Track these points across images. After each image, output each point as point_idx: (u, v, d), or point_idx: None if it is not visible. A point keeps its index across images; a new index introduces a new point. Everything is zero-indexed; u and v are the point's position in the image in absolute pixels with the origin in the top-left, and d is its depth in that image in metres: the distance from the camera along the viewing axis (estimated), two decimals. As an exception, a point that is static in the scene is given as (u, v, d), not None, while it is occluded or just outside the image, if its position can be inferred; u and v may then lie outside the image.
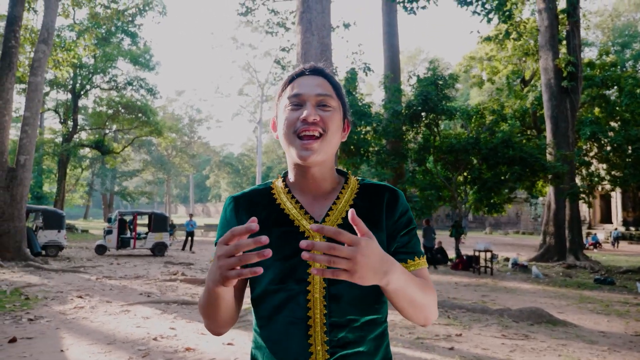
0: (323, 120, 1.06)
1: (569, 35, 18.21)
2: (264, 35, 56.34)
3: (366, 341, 1.04)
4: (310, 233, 1.06)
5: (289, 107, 1.08)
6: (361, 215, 1.08)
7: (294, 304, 1.03)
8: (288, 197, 1.12)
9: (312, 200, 1.12)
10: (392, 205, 1.11)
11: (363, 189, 1.14)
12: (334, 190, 1.14)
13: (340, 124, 1.11)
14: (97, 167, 41.00)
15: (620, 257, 19.79)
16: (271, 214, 1.10)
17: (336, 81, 1.14)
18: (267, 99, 57.34)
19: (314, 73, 1.12)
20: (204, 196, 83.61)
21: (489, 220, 42.33)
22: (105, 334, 5.41)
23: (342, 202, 1.10)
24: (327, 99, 1.08)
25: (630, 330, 6.38)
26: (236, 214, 1.13)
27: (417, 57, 65.74)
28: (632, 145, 22.46)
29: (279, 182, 1.17)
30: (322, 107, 1.07)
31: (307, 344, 1.01)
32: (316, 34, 8.22)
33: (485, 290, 9.79)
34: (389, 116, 15.20)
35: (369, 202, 1.11)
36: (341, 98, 1.13)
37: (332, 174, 1.14)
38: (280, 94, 1.13)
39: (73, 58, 18.15)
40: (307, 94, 1.07)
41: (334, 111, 1.09)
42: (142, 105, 32.93)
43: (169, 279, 9.90)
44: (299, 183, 1.13)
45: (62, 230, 14.22)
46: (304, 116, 1.04)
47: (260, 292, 1.07)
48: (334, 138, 1.08)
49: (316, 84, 1.09)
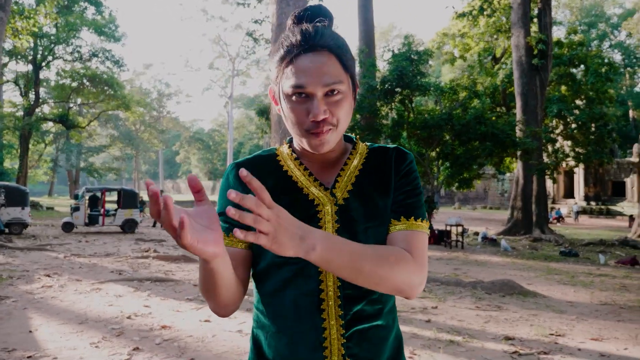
0: (333, 112, 0.95)
1: (541, 13, 18.41)
2: (235, 7, 54.93)
3: (383, 314, 0.99)
4: (320, 201, 0.99)
5: (293, 97, 0.95)
6: (371, 181, 1.03)
7: (304, 276, 0.96)
8: (296, 163, 1.04)
9: (320, 167, 1.05)
10: (398, 164, 1.05)
11: (372, 153, 1.08)
12: (342, 156, 1.07)
13: (351, 102, 1.00)
14: (61, 143, 39.64)
15: (582, 231, 20.59)
16: (278, 182, 1.02)
17: (341, 50, 0.97)
18: (239, 73, 56.23)
19: (315, 48, 0.95)
20: (173, 172, 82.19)
21: (458, 195, 43.23)
22: (76, 313, 5.26)
23: (351, 168, 1.04)
24: (335, 86, 0.94)
25: (595, 299, 6.64)
26: (240, 181, 1.02)
27: (390, 33, 65.42)
28: (595, 123, 23.17)
29: (284, 148, 1.09)
30: (331, 95, 0.94)
31: (321, 318, 0.95)
32: (292, 4, 7.99)
33: (457, 264, 10.01)
34: (364, 91, 15.11)
35: (377, 166, 1.05)
36: (349, 69, 0.99)
37: (340, 142, 1.07)
38: (281, 69, 0.97)
39: (33, 26, 17.20)
40: (312, 85, 0.93)
41: (344, 97, 0.96)
42: (108, 78, 31.79)
43: (141, 256, 9.71)
44: (306, 151, 1.05)
45: (26, 207, 13.75)
46: (313, 117, 0.92)
47: (264, 265, 0.99)
48: (345, 123, 0.99)
49: (322, 69, 0.93)
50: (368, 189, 1.02)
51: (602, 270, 9.55)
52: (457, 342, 4.41)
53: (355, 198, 1.01)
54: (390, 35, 64.12)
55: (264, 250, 0.98)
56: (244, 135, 67.03)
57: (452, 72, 40.11)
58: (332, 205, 0.99)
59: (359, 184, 1.03)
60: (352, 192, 1.01)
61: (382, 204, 1.01)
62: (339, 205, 0.99)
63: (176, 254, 10.03)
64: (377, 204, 1.01)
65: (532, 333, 4.79)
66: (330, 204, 0.99)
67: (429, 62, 15.98)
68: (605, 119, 23.25)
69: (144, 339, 4.39)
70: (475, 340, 4.51)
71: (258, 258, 1.01)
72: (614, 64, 23.96)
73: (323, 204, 0.99)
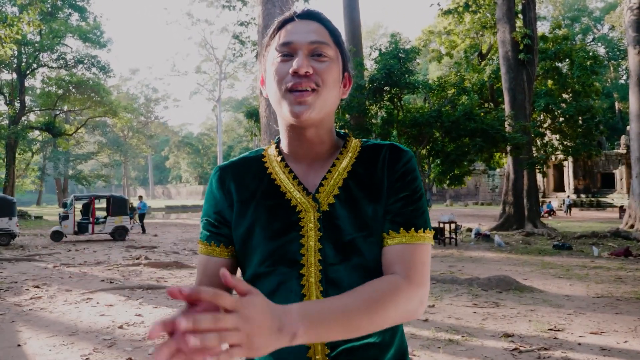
0: (317, 72, 0.88)
1: (525, 8, 18.48)
2: (221, 10, 54.66)
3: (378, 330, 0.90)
4: (303, 207, 0.91)
5: (278, 59, 0.90)
6: (360, 183, 0.93)
7: (287, 290, 0.88)
8: (281, 165, 0.96)
9: (307, 169, 0.96)
10: (392, 164, 0.93)
11: (364, 152, 0.97)
12: (332, 154, 0.98)
13: (339, 76, 0.93)
14: (48, 151, 39.13)
15: (574, 223, 20.72)
16: (261, 185, 0.95)
17: (334, 27, 0.95)
18: (226, 76, 56.04)
19: (307, 17, 0.93)
20: (163, 178, 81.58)
21: (449, 192, 43.37)
22: (66, 324, 5.13)
23: (339, 170, 0.94)
24: (322, 47, 0.90)
25: (592, 292, 6.63)
26: (222, 186, 0.97)
27: (376, 31, 65.57)
28: (582, 116, 23.37)
29: (271, 149, 1.01)
30: (317, 57, 0.90)
31: None
32: (278, 5, 7.89)
33: (452, 261, 9.99)
34: (352, 91, 15.05)
35: (368, 166, 0.95)
36: (340, 46, 0.95)
37: (330, 137, 0.97)
38: (269, 44, 0.95)
39: (16, 34, 16.93)
40: (298, 41, 0.89)
41: (331, 62, 0.91)
42: (94, 84, 31.39)
43: (132, 263, 9.56)
44: (293, 149, 0.96)
45: (13, 217, 13.51)
46: (295, 68, 0.86)
47: (249, 276, 0.92)
48: (331, 93, 0.90)
49: (310, 30, 0.91)
50: (357, 193, 0.92)
51: (596, 263, 9.57)
52: (457, 341, 4.36)
53: (342, 204, 0.91)
54: (377, 34, 64.24)
55: (248, 260, 0.92)
56: (234, 139, 66.77)
57: (439, 70, 40.23)
58: (314, 211, 0.91)
59: (347, 188, 0.93)
60: (339, 197, 0.92)
61: (371, 212, 0.90)
62: (323, 212, 0.90)
63: (168, 261, 9.90)
64: (366, 211, 0.91)
65: (531, 329, 4.75)
66: (313, 211, 0.91)
67: (416, 60, 15.92)
68: (592, 111, 23.46)
69: (137, 349, 4.28)
70: (475, 338, 4.45)
71: (244, 267, 0.95)
72: (599, 57, 24.22)
73: (305, 210, 0.91)
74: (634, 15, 16.24)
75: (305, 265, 0.88)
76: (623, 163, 30.72)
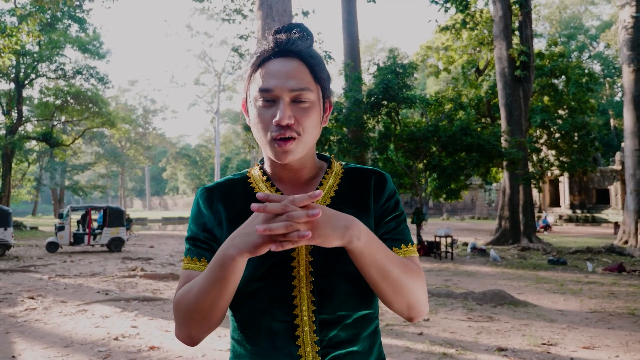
0: (298, 120, 0.93)
1: (522, 26, 18.76)
2: (220, 23, 55.15)
3: (360, 339, 0.95)
4: None
5: (260, 102, 0.94)
6: (347, 201, 1.00)
7: (278, 302, 0.93)
8: (267, 185, 1.02)
9: (292, 188, 1.02)
10: (379, 189, 1.02)
11: (348, 174, 1.05)
12: (316, 176, 1.04)
13: (319, 115, 0.98)
14: (45, 161, 39.09)
15: (569, 239, 20.77)
16: (249, 205, 1.00)
17: (313, 60, 0.96)
18: (225, 88, 56.30)
19: (286, 54, 0.95)
20: (160, 189, 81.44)
21: (446, 206, 43.43)
22: (61, 336, 5.12)
23: (326, 189, 1.01)
24: (302, 94, 0.93)
25: (585, 307, 6.67)
26: (210, 205, 1.01)
27: (374, 46, 66.15)
28: (578, 132, 23.61)
29: (255, 170, 1.06)
30: (298, 103, 0.93)
31: (296, 346, 0.91)
32: (277, 20, 8.03)
33: (448, 275, 10.01)
34: (350, 105, 15.18)
35: (354, 186, 1.02)
36: (320, 81, 0.97)
37: (312, 161, 1.03)
38: (251, 75, 0.98)
39: (15, 44, 17.05)
40: (279, 87, 0.92)
41: (312, 106, 0.95)
42: (92, 95, 31.52)
43: (128, 275, 9.54)
44: (277, 172, 1.02)
45: (8, 227, 13.45)
46: (277, 120, 0.90)
47: (239, 290, 0.94)
48: (312, 135, 0.96)
49: (289, 74, 0.92)
50: (346, 209, 0.97)
51: (590, 278, 9.61)
52: (450, 355, 4.38)
53: None
54: (375, 49, 64.85)
55: None
56: (231, 151, 66.84)
57: (437, 85, 40.61)
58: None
59: (336, 204, 0.99)
60: None
61: None
62: None
63: (164, 272, 9.88)
64: None
65: (525, 343, 4.78)
66: None
67: (414, 75, 16.10)
68: (588, 128, 23.71)
69: (132, 360, 4.28)
70: (469, 352, 4.48)
71: None
72: (594, 74, 24.49)
73: None
74: (628, 34, 16.49)
75: (296, 277, 0.93)
76: (618, 179, 30.91)
